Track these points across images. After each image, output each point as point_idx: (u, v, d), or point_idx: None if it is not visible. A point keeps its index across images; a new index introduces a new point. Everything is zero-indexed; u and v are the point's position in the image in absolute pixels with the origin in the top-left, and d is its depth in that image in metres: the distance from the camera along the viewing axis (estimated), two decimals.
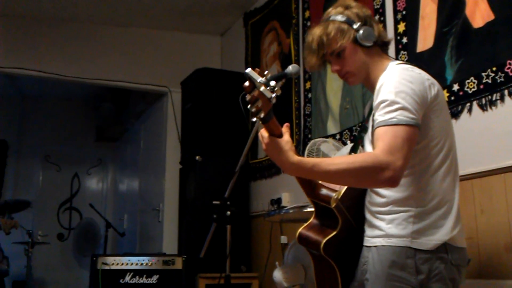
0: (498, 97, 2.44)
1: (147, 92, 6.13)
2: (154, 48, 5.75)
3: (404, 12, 3.11)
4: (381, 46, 1.95)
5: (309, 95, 4.09)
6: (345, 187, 1.90)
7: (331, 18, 1.92)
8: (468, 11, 2.64)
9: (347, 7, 1.92)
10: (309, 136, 4.00)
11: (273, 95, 1.61)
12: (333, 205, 1.91)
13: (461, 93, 2.64)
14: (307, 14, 4.22)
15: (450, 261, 1.71)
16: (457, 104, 2.65)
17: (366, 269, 1.82)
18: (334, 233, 1.91)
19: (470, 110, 2.59)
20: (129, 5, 5.26)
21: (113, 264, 3.86)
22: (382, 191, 1.81)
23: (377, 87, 1.78)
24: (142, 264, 3.86)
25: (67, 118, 7.84)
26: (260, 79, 1.61)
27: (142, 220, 6.27)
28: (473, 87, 2.57)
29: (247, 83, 1.62)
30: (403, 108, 1.67)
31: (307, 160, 1.71)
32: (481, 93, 2.53)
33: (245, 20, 5.36)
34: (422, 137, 1.74)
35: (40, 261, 6.52)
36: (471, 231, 2.43)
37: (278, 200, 4.16)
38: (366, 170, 1.63)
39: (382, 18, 3.29)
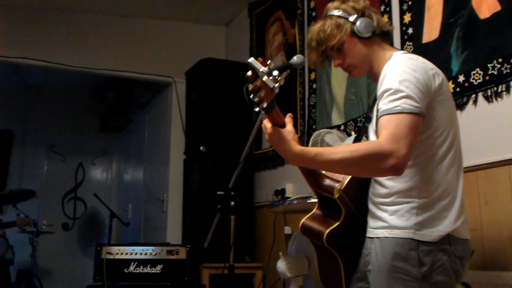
0: (503, 89, 2.43)
1: (152, 83, 6.13)
2: (159, 39, 5.74)
3: (410, 3, 3.09)
4: (382, 35, 1.94)
5: (314, 86, 4.08)
6: (349, 177, 1.90)
7: (328, 14, 1.94)
8: (474, 2, 2.62)
9: (343, 1, 1.93)
10: (314, 127, 4.00)
11: (276, 85, 1.60)
12: (336, 195, 1.90)
13: (466, 84, 2.63)
14: (312, 4, 4.20)
15: (453, 253, 1.71)
16: (463, 96, 2.64)
17: (369, 260, 1.82)
18: (337, 223, 1.91)
19: (475, 102, 2.58)
20: None
21: (117, 253, 3.87)
22: (385, 181, 1.81)
23: (381, 76, 1.77)
24: (146, 253, 3.87)
25: (72, 108, 7.85)
26: (262, 68, 1.60)
27: (147, 210, 6.29)
28: (479, 79, 2.56)
29: (249, 73, 1.61)
30: (407, 97, 1.66)
31: (310, 149, 1.70)
32: (486, 84, 2.52)
33: (250, 10, 5.35)
34: (426, 127, 1.73)
35: (45, 251, 6.55)
36: (475, 222, 2.43)
37: (282, 191, 4.17)
38: (369, 158, 1.61)
39: (387, 9, 3.28)
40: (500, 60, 2.44)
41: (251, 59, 1.63)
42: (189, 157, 5.12)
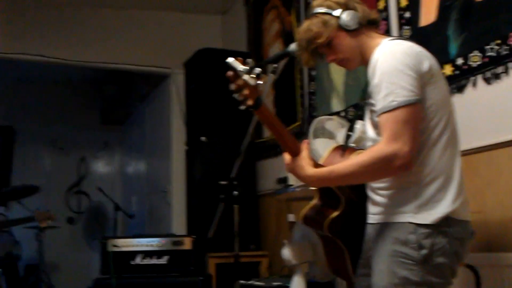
0: (502, 70, 2.43)
1: (151, 74, 6.12)
2: (156, 30, 5.72)
3: None
4: (368, 25, 1.94)
5: (313, 73, 4.08)
6: None
7: (313, 12, 1.94)
8: None
9: None
10: (314, 114, 4.00)
11: (259, 82, 1.67)
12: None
13: (465, 67, 2.63)
14: None
15: (452, 234, 1.72)
16: (462, 78, 2.64)
17: (370, 246, 1.85)
18: (337, 212, 1.93)
19: (474, 84, 2.58)
20: None
21: (123, 246, 3.89)
22: None
23: (372, 65, 1.79)
24: (152, 245, 3.90)
25: (72, 102, 7.84)
26: (241, 67, 1.67)
27: (151, 201, 6.31)
28: (477, 61, 2.56)
29: (230, 73, 1.69)
30: (399, 88, 1.68)
31: (321, 170, 1.81)
32: (485, 66, 2.51)
33: None
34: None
35: (51, 245, 6.56)
36: (477, 205, 2.44)
37: (285, 179, 4.17)
38: (377, 165, 1.68)
39: None
40: (498, 41, 2.44)
41: (229, 59, 1.72)
42: (191, 147, 5.13)
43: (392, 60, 1.73)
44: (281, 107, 4.52)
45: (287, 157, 1.87)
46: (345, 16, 1.89)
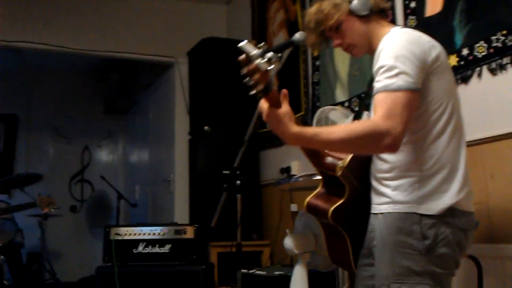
0: (508, 61, 2.41)
1: (154, 63, 6.11)
2: (160, 19, 5.71)
3: None
4: (379, 13, 1.92)
5: (317, 63, 4.07)
6: (351, 155, 1.90)
7: None
8: None
9: None
10: (318, 104, 3.99)
11: (270, 67, 1.61)
12: (339, 173, 1.91)
13: (470, 57, 2.61)
14: None
15: (456, 225, 1.71)
16: (467, 69, 2.62)
17: (374, 236, 1.84)
18: (341, 200, 1.91)
19: (480, 75, 2.57)
20: None
21: (126, 234, 3.91)
22: (386, 157, 1.81)
23: (377, 51, 1.77)
24: (154, 234, 3.91)
25: (75, 90, 7.84)
26: (254, 51, 1.61)
27: (153, 190, 6.32)
28: (483, 51, 2.54)
29: (242, 57, 1.63)
30: (402, 73, 1.66)
31: (307, 130, 1.71)
32: (491, 57, 2.50)
33: None
34: (423, 101, 1.73)
35: (54, 233, 6.60)
36: (481, 196, 2.43)
37: (288, 169, 4.18)
38: (366, 138, 1.64)
39: None
40: (504, 32, 2.42)
41: (242, 43, 1.64)
42: (194, 137, 5.13)
43: (399, 45, 1.72)
44: None
45: (265, 105, 1.72)
46: (357, 1, 1.87)
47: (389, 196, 1.79)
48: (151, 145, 6.62)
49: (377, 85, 1.70)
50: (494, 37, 2.48)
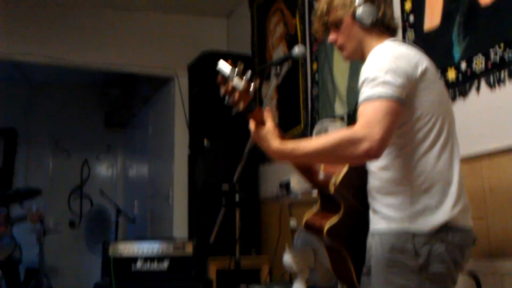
0: (506, 75, 2.40)
1: (154, 77, 6.11)
2: (160, 32, 5.72)
3: None
4: (386, 28, 1.92)
5: (316, 77, 4.06)
6: (344, 171, 1.89)
7: None
8: None
9: None
10: (317, 117, 3.97)
11: (249, 86, 1.68)
12: (332, 190, 1.90)
13: (468, 71, 2.60)
14: None
15: (451, 242, 1.69)
16: (465, 83, 2.61)
17: (371, 254, 1.82)
18: (337, 218, 1.90)
19: (478, 88, 2.55)
20: None
21: (124, 249, 3.88)
22: (378, 174, 1.81)
23: (367, 60, 1.78)
24: (153, 249, 3.88)
25: (75, 104, 7.84)
26: (229, 71, 1.67)
27: (152, 205, 6.29)
28: (481, 65, 2.53)
29: (219, 78, 1.69)
30: (384, 83, 1.66)
31: (287, 144, 1.73)
32: (489, 70, 2.48)
33: (250, 1, 5.31)
34: (410, 116, 1.72)
35: (52, 249, 6.56)
36: (480, 210, 2.41)
37: (287, 184, 4.14)
38: (343, 144, 1.62)
39: None
40: (502, 45, 2.41)
41: (219, 63, 1.70)
42: (194, 151, 5.11)
43: (384, 59, 1.73)
44: (284, 110, 4.50)
45: (252, 125, 1.79)
46: (362, 9, 1.88)
47: (383, 214, 1.78)
48: (151, 159, 6.60)
49: (360, 97, 1.70)
50: (492, 51, 2.46)
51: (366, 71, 1.73)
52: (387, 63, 1.70)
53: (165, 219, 5.68)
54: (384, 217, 1.78)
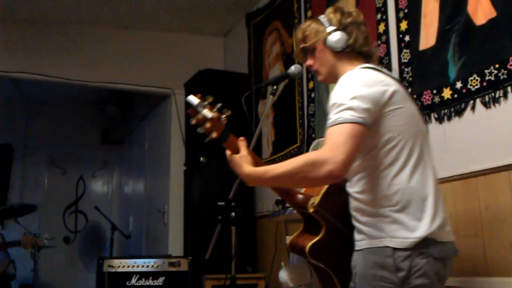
0: (501, 94, 2.42)
1: (151, 94, 6.14)
2: (157, 50, 5.76)
3: (406, 10, 3.10)
4: (358, 53, 2.02)
5: (312, 95, 4.09)
6: (323, 191, 1.98)
7: (319, 17, 2.08)
8: (470, 8, 2.63)
9: (335, 11, 2.06)
10: (313, 135, 4.00)
11: (221, 115, 1.87)
12: (311, 210, 1.96)
13: (464, 90, 2.63)
14: (309, 13, 4.22)
15: (432, 255, 1.74)
16: (461, 102, 2.64)
17: (355, 271, 1.87)
18: (318, 237, 1.95)
19: (473, 108, 2.58)
20: (131, 7, 5.27)
21: (119, 266, 3.87)
22: (356, 196, 1.88)
23: (334, 89, 1.87)
24: (148, 266, 3.87)
25: (72, 121, 7.86)
26: (196, 102, 1.87)
27: (148, 222, 6.28)
28: (476, 85, 2.56)
29: (190, 109, 1.88)
30: (349, 108, 1.74)
31: (258, 169, 1.88)
32: (484, 90, 2.51)
33: (247, 20, 5.36)
34: (378, 140, 1.81)
35: (46, 265, 6.54)
36: (476, 228, 2.42)
37: (283, 201, 4.15)
38: (308, 167, 1.72)
39: (384, 17, 3.29)
40: (497, 66, 2.44)
41: (188, 97, 1.89)
42: (190, 168, 5.12)
43: (351, 85, 1.81)
44: (280, 129, 4.52)
45: (227, 153, 1.96)
46: (333, 37, 2.00)
47: (364, 232, 1.85)
48: (147, 175, 6.60)
49: (327, 121, 1.79)
50: (487, 71, 2.50)
51: (334, 97, 1.81)
52: (354, 89, 1.78)
53: (161, 235, 5.67)
54: (366, 235, 1.84)
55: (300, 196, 2.06)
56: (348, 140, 1.69)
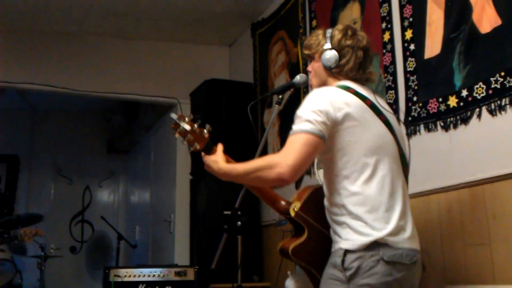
0: (507, 102, 2.42)
1: (157, 104, 6.16)
2: (163, 60, 5.78)
3: (411, 19, 3.11)
4: (346, 75, 2.17)
5: None
6: (305, 196, 2.21)
7: (327, 30, 2.23)
8: (475, 16, 2.64)
9: (342, 30, 2.21)
10: None
11: (202, 129, 2.13)
12: (293, 214, 2.16)
13: (470, 98, 2.63)
14: (314, 23, 4.23)
15: (382, 258, 1.90)
16: (466, 110, 2.64)
17: None
18: (300, 240, 2.12)
19: (479, 116, 2.58)
20: (137, 17, 5.30)
21: (125, 276, 3.87)
22: (324, 202, 2.11)
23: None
24: (154, 275, 3.87)
25: (78, 131, 7.89)
26: (177, 118, 2.11)
27: (154, 231, 6.28)
28: (482, 93, 2.56)
29: (172, 124, 2.13)
30: (308, 121, 1.96)
31: (227, 165, 2.13)
32: (490, 98, 2.52)
33: (252, 30, 5.38)
34: (336, 153, 2.01)
35: (53, 275, 6.54)
36: (483, 237, 2.42)
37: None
38: (261, 168, 1.97)
39: (389, 26, 3.30)
40: (502, 73, 2.45)
41: (170, 114, 2.16)
42: (195, 177, 5.13)
43: (313, 100, 2.02)
44: (286, 138, 4.52)
45: (202, 154, 2.20)
46: (326, 54, 2.17)
47: (333, 236, 2.06)
48: (153, 185, 6.61)
49: (289, 132, 2.01)
50: (493, 78, 2.50)
51: (299, 110, 2.02)
52: (315, 103, 2.00)
53: (167, 245, 5.67)
54: (336, 237, 2.04)
55: (283, 202, 2.26)
56: (300, 148, 1.91)
